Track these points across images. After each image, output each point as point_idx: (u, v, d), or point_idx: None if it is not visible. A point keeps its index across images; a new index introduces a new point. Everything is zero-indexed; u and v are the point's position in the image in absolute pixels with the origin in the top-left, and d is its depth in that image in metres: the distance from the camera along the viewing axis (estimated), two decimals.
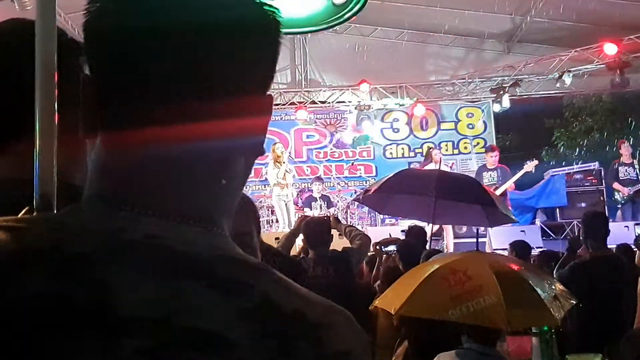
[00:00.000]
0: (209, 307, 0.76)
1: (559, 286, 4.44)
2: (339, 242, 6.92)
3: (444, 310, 3.96)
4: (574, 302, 4.37)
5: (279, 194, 13.32)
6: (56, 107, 1.07)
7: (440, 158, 13.08)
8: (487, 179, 12.73)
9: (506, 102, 15.87)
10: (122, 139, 0.85)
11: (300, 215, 10.45)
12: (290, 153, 16.77)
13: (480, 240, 7.21)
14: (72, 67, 1.29)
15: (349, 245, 7.31)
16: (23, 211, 1.03)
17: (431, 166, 13.12)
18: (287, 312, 0.80)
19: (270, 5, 0.91)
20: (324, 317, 0.83)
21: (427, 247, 7.60)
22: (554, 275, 6.13)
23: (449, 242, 12.09)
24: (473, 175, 14.18)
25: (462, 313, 3.87)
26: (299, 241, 6.71)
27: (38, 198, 1.02)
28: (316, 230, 6.00)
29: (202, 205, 0.86)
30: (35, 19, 1.09)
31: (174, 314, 0.74)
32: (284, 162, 13.29)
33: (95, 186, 0.86)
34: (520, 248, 7.94)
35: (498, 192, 12.41)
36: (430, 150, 14.15)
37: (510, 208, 12.65)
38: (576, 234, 11.53)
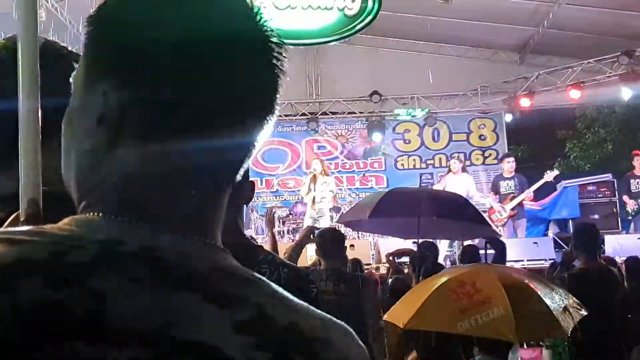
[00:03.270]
0: (203, 319, 0.76)
1: (569, 297, 4.41)
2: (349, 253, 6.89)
3: (452, 323, 3.95)
4: (585, 313, 4.35)
5: (310, 214, 13.24)
6: (39, 112, 1.07)
7: (457, 167, 13.07)
8: (504, 187, 12.67)
9: (518, 113, 15.83)
10: (121, 151, 0.85)
11: (307, 226, 10.43)
12: (302, 165, 16.81)
13: (490, 252, 7.18)
14: (62, 75, 1.29)
15: (356, 257, 7.30)
16: (12, 216, 1.05)
17: (450, 176, 13.14)
18: (282, 326, 0.80)
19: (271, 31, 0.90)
20: (320, 331, 0.83)
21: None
22: None
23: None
24: (488, 185, 14.18)
25: (470, 326, 3.86)
26: (312, 252, 6.68)
27: (25, 203, 1.03)
28: (329, 241, 5.97)
29: (198, 218, 0.87)
30: (18, 27, 1.09)
31: (169, 326, 0.74)
32: (310, 180, 13.27)
33: (93, 197, 0.86)
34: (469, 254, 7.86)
35: (515, 201, 12.37)
36: (450, 159, 14.21)
37: (525, 218, 12.66)
38: None
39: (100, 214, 0.83)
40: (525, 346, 6.46)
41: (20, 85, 1.07)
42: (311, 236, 5.92)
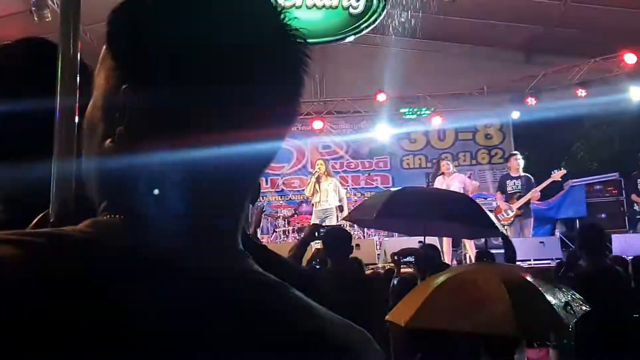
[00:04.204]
0: (225, 326, 0.76)
1: (571, 293, 4.41)
2: (355, 253, 6.86)
3: (453, 321, 3.98)
4: (587, 308, 4.35)
5: (317, 215, 13.25)
6: (77, 112, 1.08)
7: (450, 169, 13.03)
8: (511, 187, 12.63)
9: (525, 112, 15.80)
10: (139, 152, 0.84)
11: (311, 224, 10.43)
12: (307, 165, 16.82)
13: (498, 252, 7.17)
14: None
15: (357, 257, 7.26)
16: (39, 216, 1.07)
17: (440, 178, 13.09)
18: (304, 332, 0.81)
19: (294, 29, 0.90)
20: (342, 338, 0.84)
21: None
22: None
23: (469, 252, 11.98)
24: (494, 185, 14.15)
25: (471, 323, 3.88)
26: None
27: (55, 205, 1.04)
28: (336, 239, 5.96)
29: (220, 223, 0.87)
30: (59, 30, 1.11)
31: (189, 332, 0.74)
32: (314, 180, 13.24)
33: (113, 199, 0.86)
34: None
35: (522, 200, 12.33)
36: (441, 160, 14.13)
37: (532, 218, 12.62)
38: None
39: (120, 217, 0.83)
40: (535, 345, 6.44)
41: (58, 90, 1.09)
42: (315, 234, 5.90)
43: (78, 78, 1.10)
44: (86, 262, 0.75)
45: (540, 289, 4.16)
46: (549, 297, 4.08)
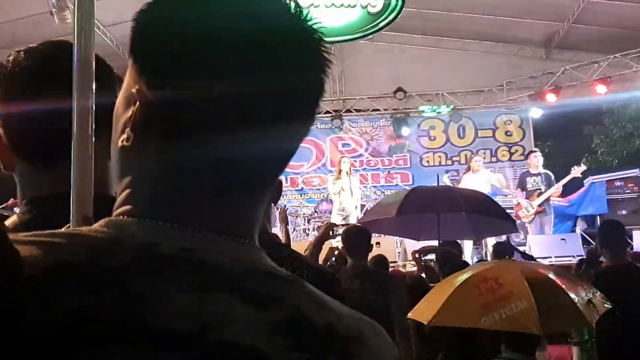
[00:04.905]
0: (241, 320, 0.76)
1: (593, 290, 4.40)
2: (375, 250, 6.87)
3: (476, 318, 3.97)
4: (609, 306, 4.34)
5: (337, 209, 13.28)
6: (93, 124, 1.10)
7: (477, 167, 13.01)
8: (531, 184, 12.56)
9: (545, 108, 15.73)
10: (158, 152, 0.85)
11: (325, 222, 10.42)
12: (326, 163, 16.82)
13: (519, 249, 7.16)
14: (108, 88, 1.34)
15: (381, 254, 7.28)
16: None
17: (469, 175, 13.05)
18: (319, 326, 0.81)
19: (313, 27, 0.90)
20: (354, 331, 0.84)
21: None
22: None
23: (490, 250, 11.94)
24: (514, 182, 14.10)
25: (494, 320, 3.88)
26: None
27: (75, 221, 1.05)
28: (355, 238, 5.97)
29: (235, 220, 0.87)
30: (74, 34, 1.12)
31: (208, 327, 0.74)
32: (340, 178, 13.25)
33: (130, 199, 0.86)
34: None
35: (542, 197, 12.26)
36: (473, 156, 14.12)
37: (552, 215, 12.56)
38: None
39: (134, 217, 0.84)
40: (560, 342, 6.41)
41: (74, 97, 1.10)
42: (331, 233, 5.91)
43: (94, 78, 1.10)
44: (104, 258, 0.76)
45: (563, 286, 4.16)
46: (572, 294, 4.08)
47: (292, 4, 0.88)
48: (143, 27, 0.86)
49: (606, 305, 4.33)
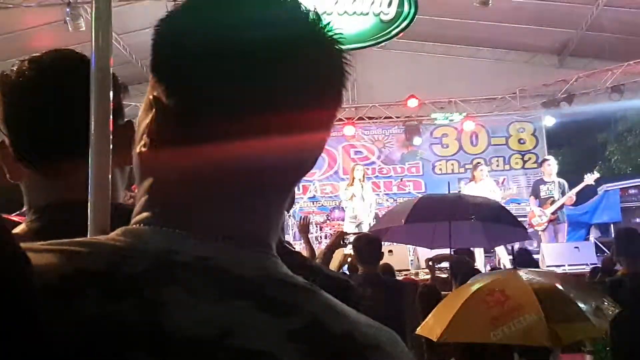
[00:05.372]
0: (259, 328, 0.77)
1: (601, 296, 4.40)
2: (387, 259, 6.87)
3: (485, 333, 3.97)
4: (617, 310, 4.34)
5: (350, 216, 13.28)
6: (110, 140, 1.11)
7: (481, 175, 12.97)
8: (544, 191, 12.53)
9: (558, 116, 15.69)
10: (173, 159, 0.85)
11: (336, 230, 10.42)
12: (339, 171, 16.82)
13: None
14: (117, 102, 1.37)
15: (387, 263, 7.27)
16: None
17: (471, 185, 13.04)
18: (336, 334, 0.81)
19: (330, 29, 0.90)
20: (372, 339, 0.84)
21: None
22: None
23: (502, 258, 11.89)
24: (528, 190, 14.06)
25: (504, 334, 3.88)
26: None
27: (93, 229, 1.07)
28: (367, 246, 5.97)
29: (252, 227, 0.87)
30: (92, 45, 1.13)
31: (226, 335, 0.74)
32: (353, 185, 13.26)
33: (147, 207, 0.86)
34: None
35: (556, 205, 12.23)
36: (478, 165, 14.06)
37: (565, 222, 12.52)
38: None
39: (151, 225, 0.84)
40: (573, 351, 6.39)
41: (92, 110, 1.10)
42: (341, 241, 5.91)
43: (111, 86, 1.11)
44: (121, 266, 0.76)
45: (570, 295, 4.15)
46: (580, 304, 4.07)
47: (311, 14, 0.88)
48: (161, 35, 0.86)
49: (615, 310, 4.32)
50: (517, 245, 11.18)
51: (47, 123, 1.41)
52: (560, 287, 4.28)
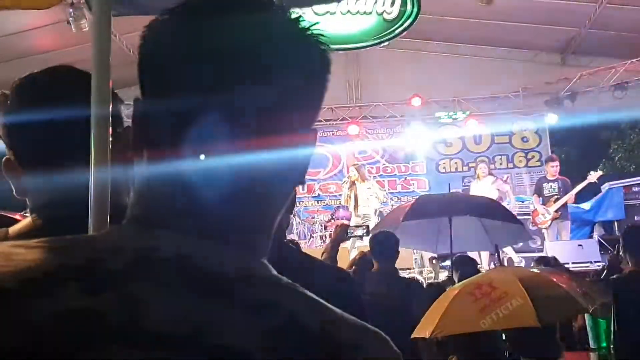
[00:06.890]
0: (235, 325, 0.77)
1: (588, 285, 4.49)
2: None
3: (475, 322, 4.05)
4: (605, 300, 4.40)
5: (355, 221, 13.25)
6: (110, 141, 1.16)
7: (487, 172, 13.01)
8: (548, 190, 12.53)
9: (561, 114, 15.68)
10: (158, 159, 0.87)
11: (338, 224, 10.43)
12: (343, 170, 16.83)
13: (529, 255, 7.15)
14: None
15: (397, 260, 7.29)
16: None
17: (475, 183, 13.09)
18: (314, 332, 0.80)
19: (325, 47, 0.91)
20: (353, 338, 0.82)
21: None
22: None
23: (511, 255, 11.89)
24: (531, 188, 14.06)
25: (492, 320, 3.98)
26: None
27: (93, 226, 1.12)
28: (383, 243, 5.99)
29: (235, 226, 0.87)
30: (92, 48, 1.14)
31: (201, 331, 0.75)
32: (347, 187, 13.30)
33: (134, 207, 0.89)
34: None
35: (559, 203, 12.24)
36: (479, 163, 14.09)
37: (569, 220, 12.52)
38: None
39: (136, 224, 0.87)
40: (578, 349, 6.41)
41: (93, 111, 1.17)
42: (345, 234, 5.91)
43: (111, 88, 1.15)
44: (103, 262, 0.78)
45: (554, 279, 4.24)
46: (565, 287, 4.17)
47: (290, 14, 0.90)
48: (143, 41, 0.89)
49: (602, 299, 4.38)
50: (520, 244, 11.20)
51: (44, 133, 1.46)
52: (545, 275, 4.39)
